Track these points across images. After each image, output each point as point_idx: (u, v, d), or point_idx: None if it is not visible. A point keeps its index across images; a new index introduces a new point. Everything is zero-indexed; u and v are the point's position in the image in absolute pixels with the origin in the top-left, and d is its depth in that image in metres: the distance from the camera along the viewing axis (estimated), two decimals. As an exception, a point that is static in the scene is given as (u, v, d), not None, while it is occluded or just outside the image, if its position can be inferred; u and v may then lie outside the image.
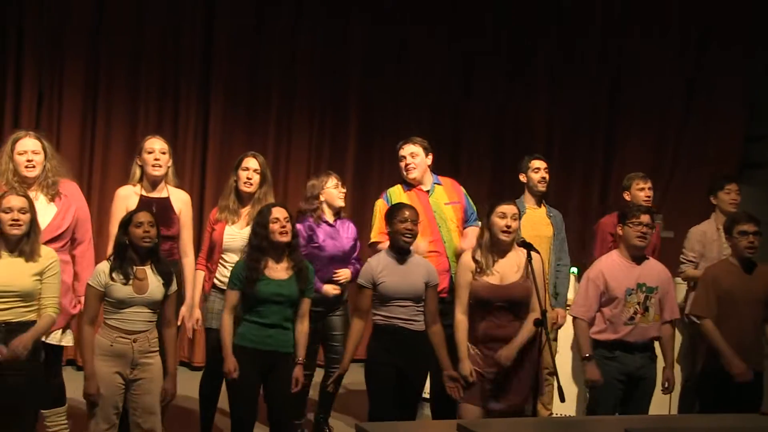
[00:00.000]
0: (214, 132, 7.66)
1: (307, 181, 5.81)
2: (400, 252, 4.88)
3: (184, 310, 5.21)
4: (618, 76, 8.67)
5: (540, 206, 6.04)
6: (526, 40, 8.55)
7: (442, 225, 5.45)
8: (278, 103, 7.91)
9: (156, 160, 5.19)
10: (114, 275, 4.39)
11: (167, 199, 5.25)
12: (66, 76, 7.18)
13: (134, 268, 4.43)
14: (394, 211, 4.91)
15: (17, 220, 4.26)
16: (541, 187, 5.99)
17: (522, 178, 6.04)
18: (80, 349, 4.42)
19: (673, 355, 5.19)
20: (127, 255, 4.43)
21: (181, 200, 5.32)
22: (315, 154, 8.08)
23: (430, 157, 5.60)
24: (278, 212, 4.71)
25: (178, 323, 5.00)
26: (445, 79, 8.42)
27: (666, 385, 5.09)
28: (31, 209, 4.35)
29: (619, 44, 8.65)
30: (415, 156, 5.53)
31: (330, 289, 5.47)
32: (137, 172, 5.26)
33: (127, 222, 4.46)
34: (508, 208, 4.83)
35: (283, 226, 4.67)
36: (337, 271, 5.53)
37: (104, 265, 4.46)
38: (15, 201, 4.29)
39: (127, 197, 5.19)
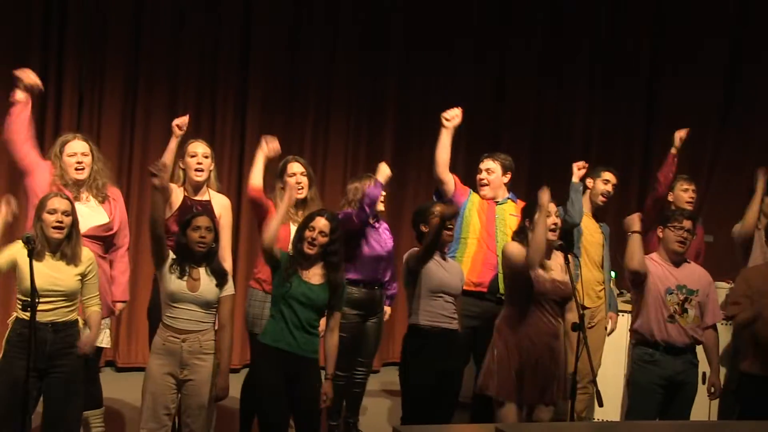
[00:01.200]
0: (251, 137, 7.67)
1: (347, 184, 5.77)
2: (440, 248, 4.90)
3: None
4: (656, 80, 8.62)
5: (593, 217, 6.06)
6: (564, 43, 8.52)
7: (499, 227, 5.49)
8: (315, 108, 7.93)
9: (198, 164, 5.23)
10: (173, 267, 4.44)
11: (209, 203, 5.28)
12: (106, 81, 7.25)
13: (190, 267, 4.48)
14: (426, 210, 4.95)
15: (61, 222, 4.30)
16: (601, 201, 6.02)
17: (588, 183, 6.03)
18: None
19: (718, 360, 5.11)
20: (186, 254, 4.48)
21: (221, 205, 5.34)
22: (351, 159, 8.08)
23: (508, 175, 5.63)
24: (318, 222, 4.60)
25: None
26: (482, 83, 8.39)
27: (712, 390, 5.03)
28: (73, 212, 4.39)
29: (658, 50, 8.58)
30: (490, 173, 5.58)
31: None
32: (180, 174, 5.31)
33: (186, 224, 4.51)
34: (553, 207, 4.80)
35: (313, 238, 4.57)
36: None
37: (169, 259, 4.51)
38: (59, 203, 4.33)
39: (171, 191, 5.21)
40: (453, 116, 5.51)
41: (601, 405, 4.46)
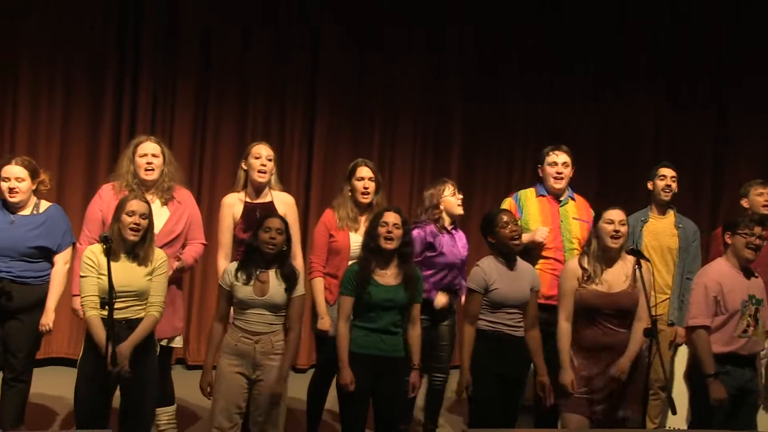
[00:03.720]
0: (319, 144, 7.77)
1: (424, 191, 5.69)
2: (509, 258, 4.85)
3: None
4: (727, 88, 8.44)
5: (665, 215, 5.93)
6: (630, 42, 8.41)
7: (565, 235, 5.45)
8: (382, 115, 7.97)
9: (262, 165, 5.29)
10: (238, 275, 4.51)
11: (271, 203, 5.32)
12: (178, 89, 7.43)
13: (258, 270, 4.52)
14: (492, 219, 4.90)
15: (138, 224, 4.40)
16: (664, 196, 5.90)
17: (649, 185, 5.98)
18: (207, 344, 4.65)
19: None
20: (253, 257, 4.54)
21: (284, 203, 5.38)
22: (419, 167, 8.08)
23: (572, 170, 5.61)
24: (389, 217, 4.67)
25: None
26: (549, 87, 8.30)
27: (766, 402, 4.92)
28: (150, 215, 4.50)
29: (730, 59, 8.42)
30: (566, 166, 5.55)
31: (441, 300, 5.35)
32: (242, 176, 5.37)
33: (258, 225, 4.58)
34: (615, 214, 4.77)
35: (389, 232, 4.62)
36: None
37: (232, 266, 4.60)
38: (138, 206, 4.44)
39: (232, 205, 5.31)
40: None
41: (674, 413, 4.39)
